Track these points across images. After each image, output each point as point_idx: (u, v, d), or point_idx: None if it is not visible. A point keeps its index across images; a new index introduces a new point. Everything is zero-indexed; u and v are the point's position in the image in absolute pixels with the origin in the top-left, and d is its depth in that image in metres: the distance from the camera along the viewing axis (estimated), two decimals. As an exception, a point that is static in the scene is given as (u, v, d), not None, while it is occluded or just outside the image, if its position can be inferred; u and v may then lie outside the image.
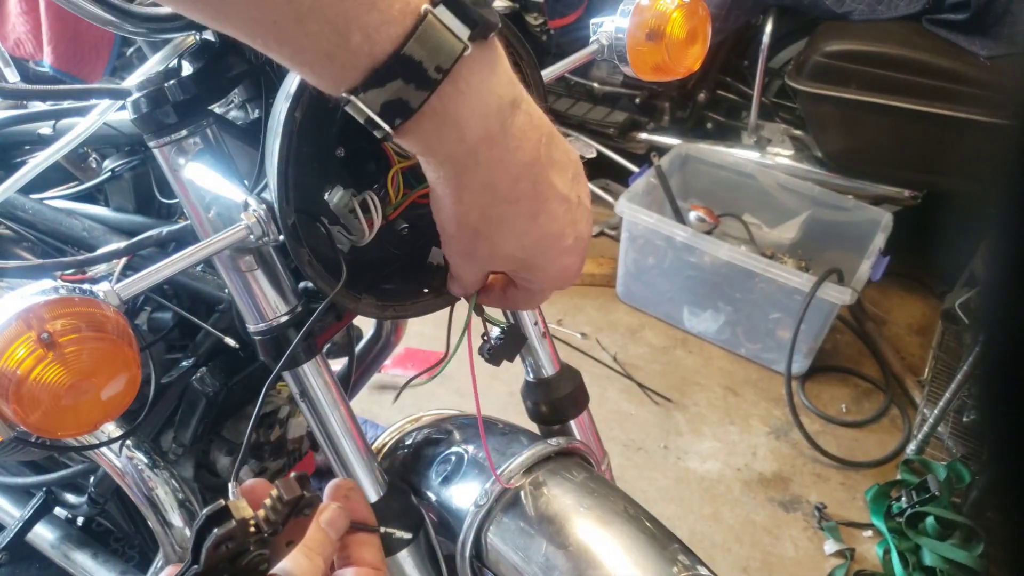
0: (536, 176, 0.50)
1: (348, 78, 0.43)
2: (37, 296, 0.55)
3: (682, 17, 0.76)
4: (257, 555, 0.46)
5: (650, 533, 0.71)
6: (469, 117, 0.46)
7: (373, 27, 0.42)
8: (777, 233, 2.53)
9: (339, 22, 0.41)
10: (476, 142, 0.47)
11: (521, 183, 0.50)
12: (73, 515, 1.19)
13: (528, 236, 0.52)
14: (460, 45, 0.43)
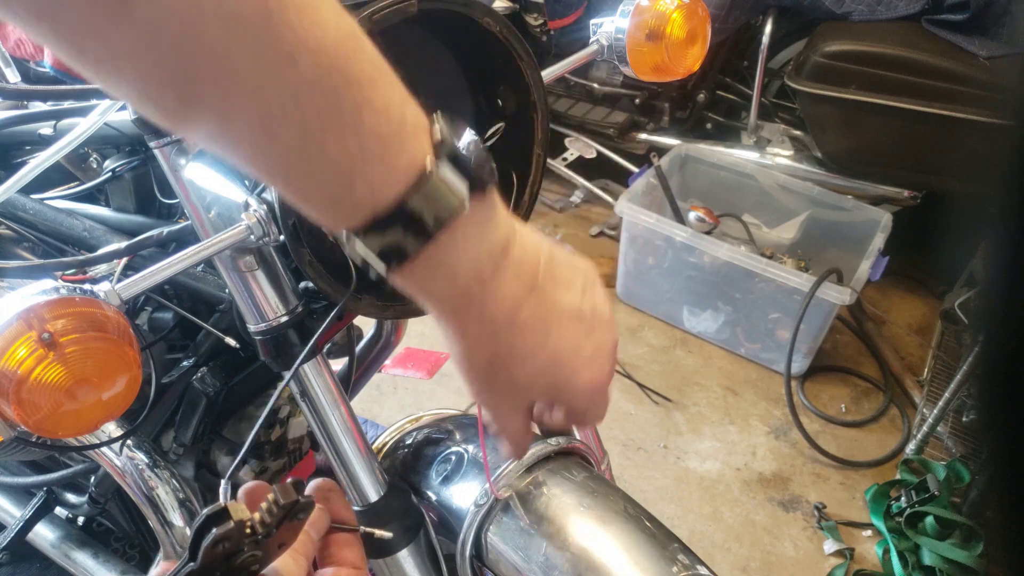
0: (538, 300, 0.50)
1: (350, 221, 0.44)
2: (38, 296, 0.56)
3: (682, 18, 0.76)
4: (250, 555, 0.47)
5: (650, 533, 0.71)
6: (462, 263, 0.46)
7: (378, 180, 0.43)
8: (777, 233, 2.54)
9: (346, 173, 0.42)
10: (467, 284, 0.47)
11: (522, 311, 0.50)
12: (74, 515, 1.19)
13: (541, 358, 0.52)
14: (459, 201, 0.44)
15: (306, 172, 0.42)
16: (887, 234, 2.26)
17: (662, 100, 2.89)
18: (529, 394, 0.56)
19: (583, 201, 3.07)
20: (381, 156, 0.42)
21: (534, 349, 0.51)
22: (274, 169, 0.43)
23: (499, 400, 0.57)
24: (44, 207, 0.91)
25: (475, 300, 0.48)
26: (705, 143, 2.76)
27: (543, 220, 2.98)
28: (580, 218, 3.03)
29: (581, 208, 3.06)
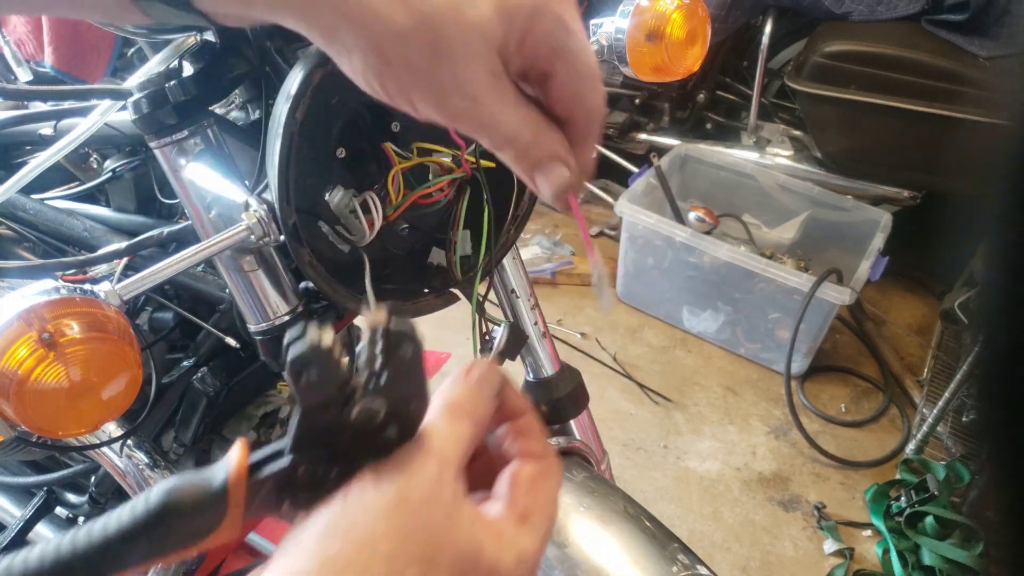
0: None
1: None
2: (38, 296, 0.56)
3: (681, 18, 0.76)
4: (366, 406, 0.37)
5: (650, 532, 0.71)
6: None
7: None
8: (776, 233, 2.54)
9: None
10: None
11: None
12: (74, 515, 1.19)
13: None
14: None
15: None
16: (887, 234, 2.26)
17: (662, 100, 2.89)
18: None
19: (583, 201, 3.07)
20: None
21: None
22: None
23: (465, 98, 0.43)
24: (44, 207, 0.91)
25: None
26: (705, 143, 2.76)
27: (543, 220, 2.99)
28: (580, 218, 3.02)
29: (581, 208, 3.06)
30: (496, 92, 0.42)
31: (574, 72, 0.43)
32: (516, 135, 0.43)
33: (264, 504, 0.39)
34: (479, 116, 0.42)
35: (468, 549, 0.37)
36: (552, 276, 2.68)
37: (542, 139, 0.43)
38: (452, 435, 0.40)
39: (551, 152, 0.44)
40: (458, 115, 0.42)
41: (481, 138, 0.44)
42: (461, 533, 0.37)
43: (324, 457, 0.38)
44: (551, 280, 2.68)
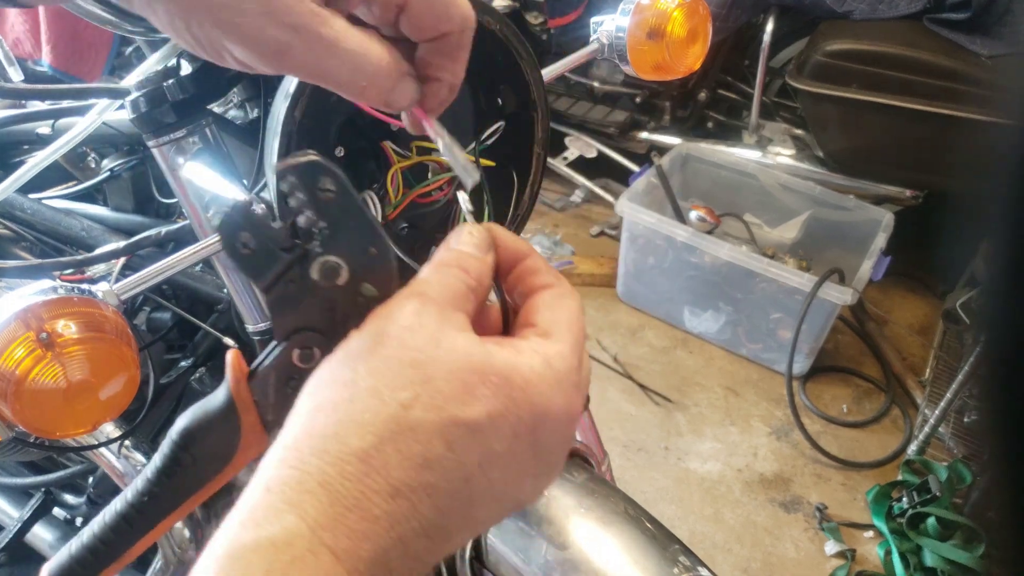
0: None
1: None
2: (36, 296, 0.55)
3: (682, 16, 0.76)
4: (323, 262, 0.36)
5: (650, 534, 0.71)
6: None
7: None
8: (778, 233, 2.53)
9: None
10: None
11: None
12: (72, 516, 1.19)
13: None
14: None
15: None
16: (889, 234, 2.26)
17: (663, 99, 2.89)
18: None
19: (583, 201, 3.06)
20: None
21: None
22: None
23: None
24: (42, 207, 0.91)
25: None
26: (706, 142, 2.76)
27: (543, 220, 2.98)
28: (580, 218, 3.02)
29: (581, 208, 3.06)
30: (319, 18, 0.36)
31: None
32: (356, 65, 0.38)
33: (278, 402, 0.39)
34: (311, 51, 0.37)
35: (467, 358, 0.35)
36: (553, 276, 2.67)
37: (389, 62, 0.39)
38: (436, 280, 0.37)
39: (401, 72, 0.40)
40: (281, 53, 0.36)
41: (318, 79, 0.39)
42: (455, 349, 0.35)
43: (314, 335, 0.38)
44: (552, 280, 2.67)
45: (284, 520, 0.31)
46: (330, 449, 0.32)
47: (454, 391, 0.34)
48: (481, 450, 0.34)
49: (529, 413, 0.35)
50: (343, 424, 0.33)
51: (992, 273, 0.26)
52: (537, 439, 0.35)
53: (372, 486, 0.32)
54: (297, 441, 0.33)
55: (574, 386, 0.37)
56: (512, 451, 0.35)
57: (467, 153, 0.71)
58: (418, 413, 0.33)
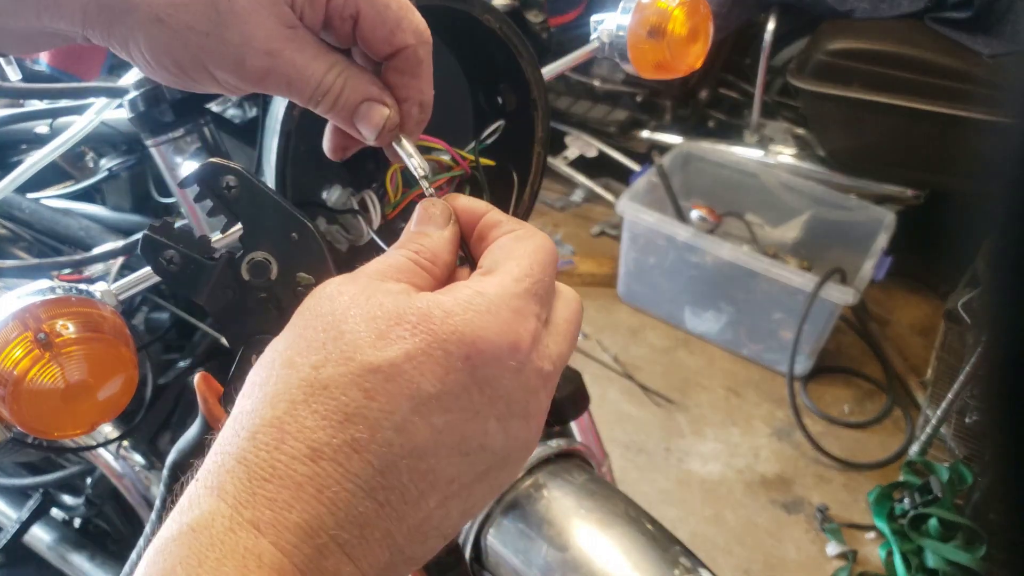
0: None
1: None
2: (34, 296, 0.55)
3: (684, 15, 0.75)
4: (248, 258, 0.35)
5: (651, 535, 0.70)
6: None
7: None
8: (779, 232, 2.53)
9: None
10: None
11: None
12: (70, 516, 1.19)
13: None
14: None
15: None
16: (890, 233, 2.25)
17: (664, 98, 2.89)
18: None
19: (584, 200, 3.06)
20: None
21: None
22: None
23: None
24: (40, 206, 0.91)
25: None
26: (707, 141, 2.76)
27: (544, 219, 2.98)
28: (581, 217, 3.02)
29: (582, 207, 3.06)
30: (294, 43, 0.40)
31: (380, 7, 0.41)
32: (326, 84, 0.41)
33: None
34: (283, 71, 0.40)
35: (383, 307, 0.33)
36: (554, 276, 2.67)
37: (353, 83, 0.42)
38: (375, 260, 0.37)
39: (364, 94, 0.42)
40: (261, 75, 0.40)
41: (291, 95, 0.42)
42: (370, 302, 0.33)
43: (267, 336, 0.37)
44: (553, 280, 2.67)
45: (203, 504, 0.30)
46: (245, 425, 0.32)
47: (366, 339, 0.32)
48: (409, 393, 0.31)
49: (456, 344, 0.32)
50: (259, 400, 0.32)
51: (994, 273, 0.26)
52: (477, 372, 0.33)
53: (289, 451, 0.30)
54: (223, 431, 0.33)
55: (514, 312, 0.34)
56: (450, 390, 0.32)
57: (467, 152, 0.71)
58: (329, 370, 0.32)
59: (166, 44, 0.39)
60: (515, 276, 0.36)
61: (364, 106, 0.42)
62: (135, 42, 0.39)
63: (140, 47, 0.39)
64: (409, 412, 0.31)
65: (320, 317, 0.34)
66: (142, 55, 0.40)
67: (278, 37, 0.39)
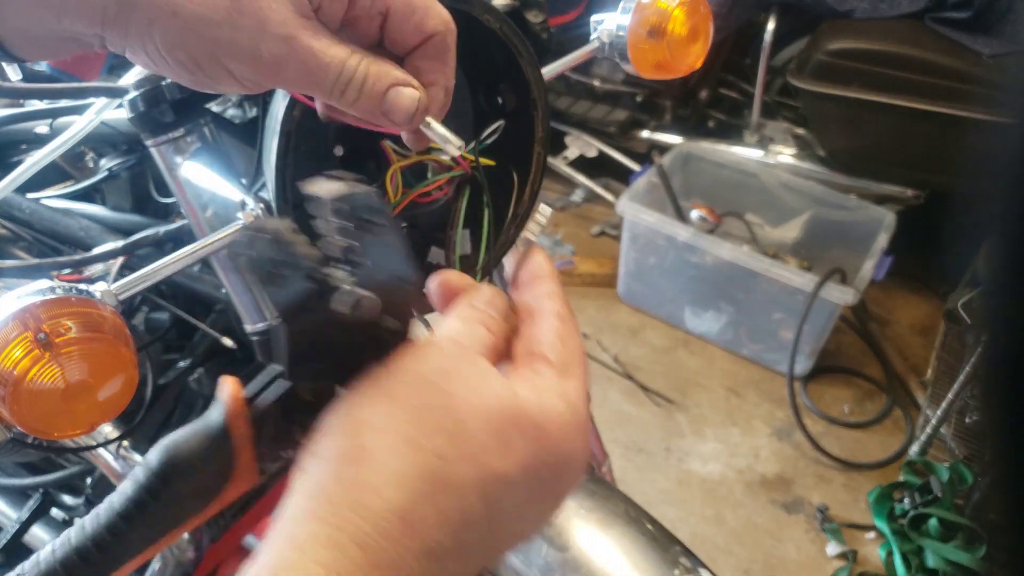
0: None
1: None
2: (34, 296, 0.55)
3: (684, 15, 0.75)
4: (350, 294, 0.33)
5: (651, 535, 0.70)
6: None
7: None
8: (779, 232, 2.53)
9: None
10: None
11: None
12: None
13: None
14: None
15: None
16: (891, 233, 2.25)
17: (664, 98, 2.89)
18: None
19: (584, 200, 3.06)
20: None
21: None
22: None
23: None
24: (40, 206, 0.91)
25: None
26: (707, 141, 2.76)
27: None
28: (581, 217, 3.02)
29: (582, 207, 3.06)
30: (311, 30, 0.39)
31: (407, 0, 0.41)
32: (348, 71, 0.40)
33: (276, 439, 0.36)
34: (301, 58, 0.39)
35: (501, 406, 0.34)
36: (554, 276, 2.67)
37: (376, 69, 0.41)
38: (466, 330, 0.38)
39: (391, 79, 0.41)
40: (279, 65, 0.39)
41: (311, 86, 0.41)
42: (488, 394, 0.34)
43: (326, 368, 0.35)
44: (553, 280, 2.67)
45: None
46: (368, 504, 0.31)
47: (490, 442, 0.33)
48: (512, 502, 0.33)
49: (556, 461, 0.35)
50: (379, 475, 0.31)
51: (994, 273, 0.26)
52: (559, 481, 0.36)
53: (409, 547, 0.30)
54: (327, 491, 0.31)
55: (587, 424, 0.37)
56: (536, 497, 0.35)
57: (467, 152, 0.71)
58: (456, 467, 0.32)
59: (181, 37, 0.38)
60: (584, 381, 0.38)
61: (392, 92, 0.41)
62: (151, 38, 0.39)
63: (156, 43, 0.39)
64: (511, 516, 0.34)
65: (441, 395, 0.33)
66: (158, 51, 0.39)
67: (294, 24, 0.38)
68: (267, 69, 0.39)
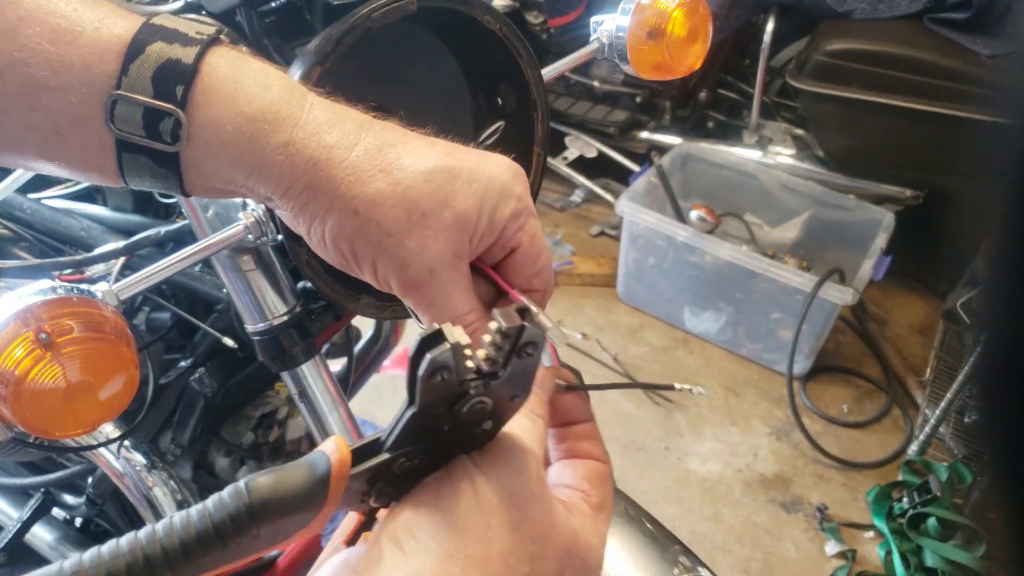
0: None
1: (99, 79, 0.41)
2: (35, 296, 0.55)
3: (683, 16, 0.76)
4: (479, 402, 0.37)
5: (651, 534, 0.71)
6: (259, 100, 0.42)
7: (89, 51, 0.41)
8: (778, 233, 2.53)
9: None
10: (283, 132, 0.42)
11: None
12: (71, 516, 1.18)
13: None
14: (208, 27, 0.43)
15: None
16: (889, 233, 2.26)
17: (663, 99, 2.89)
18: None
19: (584, 200, 3.06)
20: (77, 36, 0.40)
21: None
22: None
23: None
24: (41, 206, 0.91)
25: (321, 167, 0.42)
26: (706, 142, 2.76)
27: (543, 220, 2.98)
28: (581, 217, 3.02)
29: (582, 207, 3.06)
30: (454, 271, 0.44)
31: (537, 251, 0.46)
32: (460, 321, 0.45)
33: (350, 498, 0.37)
34: (433, 291, 0.44)
35: (567, 539, 0.38)
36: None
37: (482, 327, 0.45)
38: (536, 432, 0.41)
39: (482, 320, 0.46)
40: (414, 285, 0.44)
41: (427, 314, 0.45)
42: (560, 526, 0.38)
43: (422, 450, 0.38)
44: (552, 280, 2.67)
45: None
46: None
47: (554, 572, 0.37)
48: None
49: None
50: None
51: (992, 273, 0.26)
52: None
53: None
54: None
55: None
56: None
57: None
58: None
59: (351, 234, 0.43)
60: (609, 522, 0.44)
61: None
62: (321, 223, 0.43)
63: (325, 229, 0.43)
64: None
65: (532, 522, 0.37)
66: (322, 237, 0.44)
67: (445, 262, 0.43)
68: (404, 285, 0.44)
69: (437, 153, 0.44)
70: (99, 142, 0.42)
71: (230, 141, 0.42)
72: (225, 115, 0.42)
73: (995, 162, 0.26)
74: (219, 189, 0.45)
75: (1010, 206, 0.25)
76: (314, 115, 0.42)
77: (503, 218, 0.44)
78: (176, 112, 0.41)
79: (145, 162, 0.43)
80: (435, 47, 0.71)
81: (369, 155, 0.42)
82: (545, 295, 0.48)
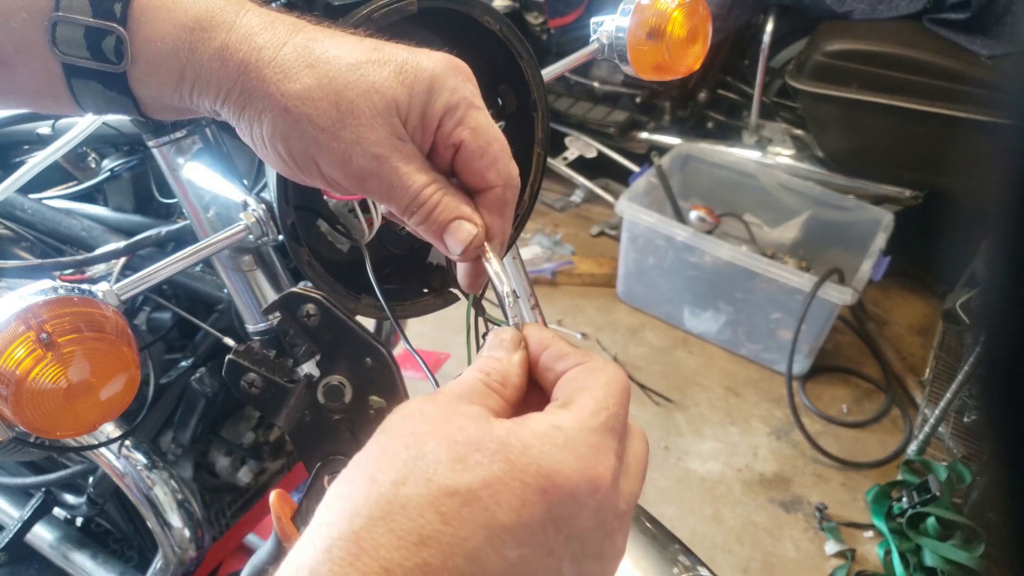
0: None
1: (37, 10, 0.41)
2: (36, 296, 0.55)
3: (683, 16, 0.76)
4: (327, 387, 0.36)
5: (651, 534, 0.71)
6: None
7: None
8: (778, 233, 2.53)
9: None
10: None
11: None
12: (72, 515, 1.19)
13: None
14: None
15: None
16: (889, 234, 2.26)
17: (663, 99, 2.89)
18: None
19: (583, 200, 3.06)
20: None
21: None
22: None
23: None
24: (42, 207, 0.91)
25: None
26: (706, 142, 2.76)
27: (543, 220, 2.98)
28: (580, 217, 3.02)
29: (581, 208, 3.06)
30: (400, 153, 0.43)
31: (483, 143, 0.44)
32: (423, 197, 0.43)
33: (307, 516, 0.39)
34: (384, 176, 0.43)
35: (464, 434, 0.33)
36: (552, 276, 2.68)
37: (447, 200, 0.44)
38: (451, 383, 0.38)
39: (457, 212, 0.44)
40: (363, 176, 0.43)
41: (387, 202, 0.44)
42: (452, 426, 0.34)
43: (340, 457, 0.39)
44: (551, 280, 2.68)
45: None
46: (322, 535, 0.32)
47: (445, 462, 0.32)
48: (484, 522, 0.31)
49: (534, 476, 0.32)
50: (338, 513, 0.32)
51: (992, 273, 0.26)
52: (554, 509, 0.32)
53: (362, 568, 0.30)
54: (299, 542, 0.33)
55: (592, 447, 0.34)
56: (525, 523, 0.32)
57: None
58: (409, 489, 0.32)
59: (285, 132, 0.42)
60: (592, 410, 0.35)
61: (455, 223, 0.44)
62: (259, 125, 0.43)
63: (263, 130, 0.43)
64: (483, 541, 0.31)
65: (403, 436, 0.34)
66: (263, 138, 0.44)
67: (387, 145, 0.42)
68: (354, 178, 0.43)
69: (365, 47, 0.43)
70: (46, 69, 0.43)
71: (171, 54, 0.43)
72: (164, 28, 0.42)
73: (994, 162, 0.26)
74: (173, 107, 0.46)
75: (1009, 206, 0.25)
76: (247, 20, 0.43)
77: (436, 112, 0.43)
78: (116, 28, 0.42)
79: (95, 86, 0.44)
80: (435, 47, 0.71)
81: (297, 52, 0.42)
82: (507, 189, 0.45)
